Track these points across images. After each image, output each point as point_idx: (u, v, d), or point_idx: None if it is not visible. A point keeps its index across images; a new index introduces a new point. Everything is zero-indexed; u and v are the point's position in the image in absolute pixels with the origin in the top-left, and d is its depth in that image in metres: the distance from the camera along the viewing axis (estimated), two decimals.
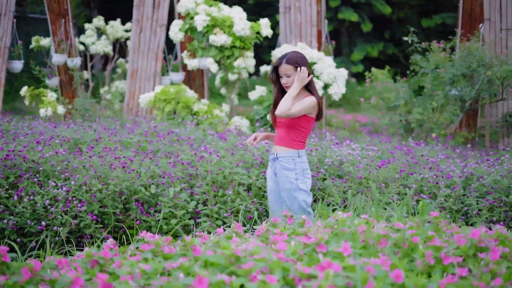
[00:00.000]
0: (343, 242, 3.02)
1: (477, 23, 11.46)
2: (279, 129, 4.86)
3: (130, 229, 5.55)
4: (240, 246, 3.17)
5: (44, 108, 9.09)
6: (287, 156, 4.77)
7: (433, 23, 22.77)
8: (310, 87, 4.82)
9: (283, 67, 4.73)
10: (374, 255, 3.08)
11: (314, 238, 3.17)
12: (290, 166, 4.75)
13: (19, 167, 5.66)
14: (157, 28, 10.25)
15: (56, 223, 5.25)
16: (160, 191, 5.66)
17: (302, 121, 4.76)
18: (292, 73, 4.72)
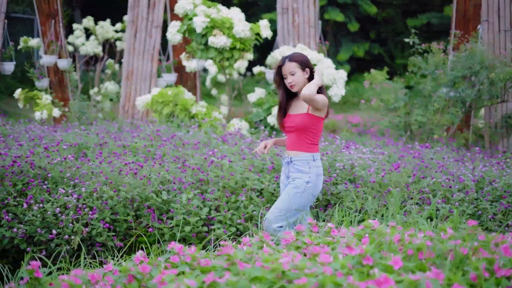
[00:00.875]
0: (391, 254, 2.95)
1: (470, 23, 11.47)
2: (289, 134, 4.78)
3: (141, 237, 5.44)
4: (282, 259, 3.07)
5: (40, 111, 8.91)
6: (302, 159, 4.69)
7: (419, 23, 22.81)
8: (320, 88, 4.74)
9: (287, 66, 4.66)
10: (421, 268, 3.00)
11: (358, 249, 3.09)
12: (304, 169, 4.67)
13: (26, 174, 5.52)
14: (153, 29, 10.11)
15: (67, 231, 5.12)
16: (171, 197, 5.54)
17: (311, 123, 4.67)
18: (297, 71, 4.64)
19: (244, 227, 5.48)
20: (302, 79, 4.66)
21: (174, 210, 5.38)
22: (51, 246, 5.17)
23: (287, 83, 4.69)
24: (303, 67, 4.67)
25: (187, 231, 5.26)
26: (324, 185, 5.80)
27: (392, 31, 24.61)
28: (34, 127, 7.70)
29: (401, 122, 8.82)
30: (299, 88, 4.67)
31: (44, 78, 12.02)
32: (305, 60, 4.71)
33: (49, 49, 12.09)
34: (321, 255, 3.05)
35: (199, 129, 8.27)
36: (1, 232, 5.07)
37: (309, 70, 4.70)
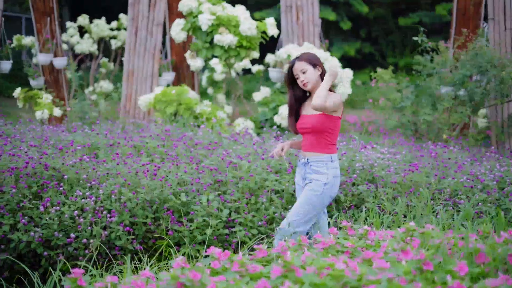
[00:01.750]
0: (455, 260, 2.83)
1: (471, 22, 11.41)
2: (306, 135, 4.67)
3: (159, 240, 5.29)
4: (338, 265, 2.94)
5: (41, 111, 8.71)
6: (319, 160, 4.58)
7: (410, 22, 22.80)
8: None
9: (297, 65, 4.63)
10: (484, 274, 2.90)
11: (413, 254, 2.97)
12: (322, 170, 4.56)
13: (41, 176, 5.35)
14: (154, 27, 9.94)
15: (85, 234, 4.96)
16: (190, 199, 5.40)
17: (328, 123, 4.56)
18: (308, 68, 4.59)
19: (265, 229, 5.36)
20: (314, 76, 4.61)
21: (194, 212, 5.24)
22: (68, 250, 5.02)
23: (300, 82, 4.64)
24: (313, 64, 4.62)
25: (208, 234, 5.12)
26: (344, 185, 5.69)
27: (382, 30, 24.60)
28: (38, 127, 7.52)
29: (409, 121, 8.72)
30: (312, 85, 4.61)
31: (40, 77, 11.81)
32: (314, 58, 4.67)
33: (44, 47, 11.88)
34: (377, 261, 2.93)
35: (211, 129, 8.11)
36: (18, 236, 4.90)
37: (320, 68, 4.64)
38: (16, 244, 4.93)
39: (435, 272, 2.84)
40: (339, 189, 5.64)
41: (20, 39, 12.97)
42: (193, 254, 5.14)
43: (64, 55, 12.31)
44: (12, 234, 4.95)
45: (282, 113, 8.69)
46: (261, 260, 3.69)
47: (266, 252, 3.69)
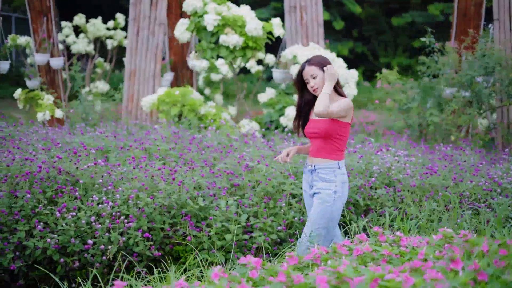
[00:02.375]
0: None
1: (471, 22, 11.39)
2: (314, 140, 4.57)
3: (177, 246, 5.18)
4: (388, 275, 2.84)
5: (42, 112, 8.55)
6: (327, 167, 4.47)
7: (403, 22, 22.79)
8: (337, 86, 4.56)
9: (307, 70, 4.52)
10: None
11: (464, 264, 2.88)
12: (330, 177, 4.46)
13: (55, 180, 5.21)
14: (155, 27, 9.80)
15: (103, 241, 4.83)
16: (208, 203, 5.29)
17: (338, 128, 4.46)
18: (318, 73, 4.47)
19: (285, 234, 5.26)
20: (324, 82, 4.47)
21: (212, 217, 5.13)
22: (84, 256, 4.89)
23: (310, 87, 4.53)
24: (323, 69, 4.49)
25: (228, 240, 5.01)
26: (362, 189, 5.60)
27: (374, 30, 24.57)
28: (42, 129, 7.37)
29: (415, 122, 8.66)
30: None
31: (36, 77, 11.65)
32: (325, 62, 4.54)
33: (40, 47, 11.72)
34: (429, 271, 2.83)
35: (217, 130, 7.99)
36: (34, 243, 4.77)
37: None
38: (32, 251, 4.80)
39: (490, 283, 2.76)
40: (357, 193, 5.55)
41: (15, 39, 12.78)
42: (212, 260, 5.04)
43: (61, 55, 12.15)
44: (27, 240, 4.83)
45: (289, 114, 8.59)
46: (293, 268, 3.60)
47: (297, 259, 3.60)
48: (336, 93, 4.55)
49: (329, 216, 4.46)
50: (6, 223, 4.89)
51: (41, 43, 11.69)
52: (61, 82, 12.03)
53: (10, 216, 4.92)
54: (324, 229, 4.48)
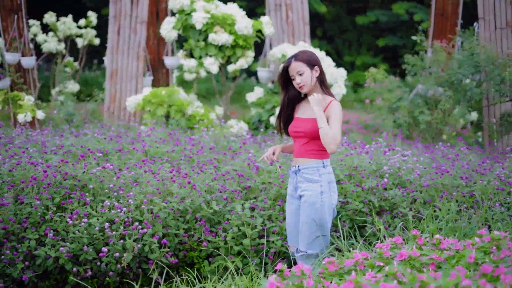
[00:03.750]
0: None
1: (448, 21, 11.45)
2: (298, 140, 4.34)
3: (191, 251, 4.99)
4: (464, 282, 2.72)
5: (23, 113, 8.22)
6: (310, 167, 4.27)
7: (367, 21, 22.89)
8: (324, 86, 4.36)
9: (294, 66, 4.26)
10: None
11: None
12: (314, 177, 4.25)
13: (63, 186, 4.96)
14: (137, 25, 9.53)
15: (117, 248, 4.61)
16: (222, 207, 5.12)
17: None
18: (305, 70, 4.24)
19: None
20: (311, 79, 4.28)
21: (228, 222, 4.96)
22: (97, 265, 4.67)
23: (296, 84, 4.30)
24: (311, 66, 4.27)
25: (245, 244, 4.85)
26: (375, 189, 5.49)
27: (338, 28, 24.64)
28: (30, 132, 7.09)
29: (406, 121, 8.62)
30: (308, 88, 4.29)
31: (6, 77, 11.24)
32: (313, 58, 4.30)
33: (11, 46, 11.32)
34: (503, 276, 2.74)
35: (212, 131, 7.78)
36: (45, 251, 4.52)
37: (319, 68, 4.31)
38: (43, 260, 4.55)
39: None
40: (372, 194, 5.45)
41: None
42: (227, 266, 4.87)
43: (33, 54, 11.76)
44: (37, 249, 4.58)
45: None
46: (333, 274, 3.48)
47: (339, 265, 3.47)
48: (321, 90, 4.35)
49: (320, 217, 4.25)
50: (14, 231, 4.64)
51: (11, 42, 11.30)
52: (32, 82, 11.65)
53: (17, 224, 4.66)
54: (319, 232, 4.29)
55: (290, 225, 4.47)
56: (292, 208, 4.43)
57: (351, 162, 5.68)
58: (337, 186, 5.45)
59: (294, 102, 4.44)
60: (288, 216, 4.48)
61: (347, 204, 5.34)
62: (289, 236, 4.49)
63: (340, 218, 5.33)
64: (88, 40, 13.83)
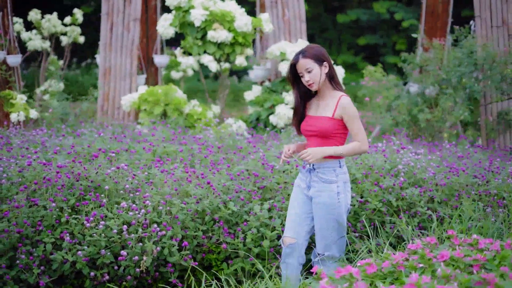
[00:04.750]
0: None
1: (439, 20, 11.46)
2: (311, 139, 4.21)
3: (209, 254, 4.85)
4: None
5: (16, 113, 7.99)
6: (326, 166, 4.13)
7: (348, 19, 22.88)
8: (334, 81, 4.22)
9: (302, 63, 4.11)
10: None
11: None
12: (331, 178, 4.13)
13: (77, 187, 4.79)
14: (130, 22, 9.34)
15: (136, 251, 4.46)
16: (239, 207, 4.99)
17: (338, 128, 4.14)
18: (314, 67, 4.08)
19: None
20: (320, 76, 4.13)
21: (246, 223, 4.83)
22: (114, 269, 4.51)
23: (305, 82, 4.16)
24: (320, 62, 4.12)
25: (265, 246, 4.72)
26: (390, 189, 5.41)
27: (318, 27, 24.60)
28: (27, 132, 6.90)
29: (405, 120, 8.55)
30: (318, 86, 4.15)
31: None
32: (321, 53, 4.14)
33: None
34: None
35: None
36: (62, 256, 4.35)
37: (328, 64, 4.16)
38: (59, 265, 4.38)
39: None
40: (388, 193, 5.36)
41: None
42: (248, 268, 4.75)
43: (18, 52, 11.48)
44: (53, 253, 4.41)
45: (280, 112, 8.31)
46: (374, 276, 3.39)
47: (377, 267, 3.38)
48: (330, 85, 4.21)
49: (338, 218, 4.17)
50: (27, 235, 4.46)
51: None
52: (18, 81, 11.37)
53: (32, 227, 4.49)
54: (338, 234, 4.21)
55: (295, 215, 4.28)
56: (300, 200, 4.29)
57: (367, 160, 5.59)
58: (354, 186, 5.37)
59: (305, 99, 4.31)
60: (294, 207, 4.31)
61: (364, 204, 5.25)
62: (291, 226, 4.29)
63: (357, 218, 5.24)
64: (73, 38, 13.56)
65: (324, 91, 4.21)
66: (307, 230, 4.29)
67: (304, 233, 4.28)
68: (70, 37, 13.53)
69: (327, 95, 4.21)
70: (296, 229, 4.27)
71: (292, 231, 4.28)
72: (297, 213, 4.29)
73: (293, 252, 4.27)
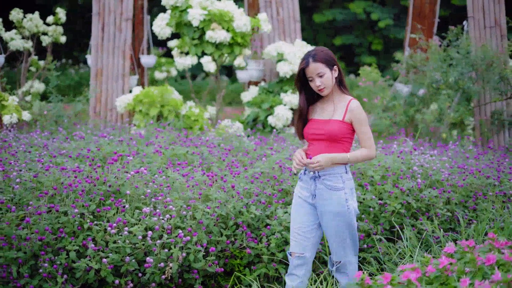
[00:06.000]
0: None
1: (425, 21, 11.49)
2: (316, 142, 4.03)
3: (231, 259, 4.75)
4: None
5: (9, 115, 7.75)
6: (333, 173, 3.97)
7: (325, 19, 22.90)
8: (342, 85, 4.10)
9: (312, 67, 3.94)
10: None
11: None
12: (338, 185, 3.97)
13: (97, 192, 4.64)
14: (122, 22, 9.16)
15: (161, 257, 4.34)
16: (261, 211, 4.89)
17: (346, 131, 4.01)
18: (326, 71, 3.93)
19: None
20: (332, 80, 4.00)
21: (270, 227, 4.75)
22: (138, 276, 4.39)
23: (315, 87, 3.99)
24: (330, 66, 3.99)
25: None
26: (407, 191, 5.36)
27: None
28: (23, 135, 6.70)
29: (402, 120, 8.54)
30: (329, 91, 4.01)
31: None
32: (331, 57, 4.00)
33: None
34: None
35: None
36: (87, 263, 4.21)
37: (337, 68, 4.03)
38: (83, 273, 4.23)
39: None
40: (406, 195, 5.31)
41: None
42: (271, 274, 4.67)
43: (1, 52, 11.21)
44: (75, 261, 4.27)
45: (279, 113, 8.22)
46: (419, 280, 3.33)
47: (421, 271, 3.33)
48: (339, 89, 4.09)
49: (349, 225, 4.02)
50: (49, 243, 4.31)
51: None
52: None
53: (53, 234, 4.34)
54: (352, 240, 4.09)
55: (299, 229, 4.11)
56: (302, 211, 4.11)
57: (384, 162, 5.54)
58: (373, 188, 5.32)
59: (310, 102, 4.16)
60: (297, 220, 4.13)
61: (383, 206, 5.20)
62: (297, 241, 4.12)
63: (376, 221, 5.19)
64: (54, 38, 13.27)
65: (332, 95, 4.08)
66: (313, 242, 4.13)
67: (311, 246, 4.12)
68: (51, 37, 13.24)
69: (334, 99, 4.08)
70: (302, 243, 4.11)
71: (299, 246, 4.12)
72: (301, 227, 4.12)
73: (302, 264, 4.14)
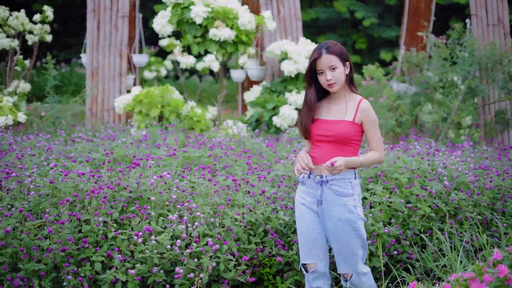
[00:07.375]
0: None
1: (422, 19, 11.35)
2: (324, 145, 3.81)
3: (260, 267, 4.52)
4: None
5: (4, 116, 7.44)
6: (342, 178, 3.76)
7: (309, 18, 22.72)
8: (352, 84, 3.90)
9: (326, 59, 3.72)
10: None
11: None
12: (347, 191, 3.77)
13: (120, 199, 4.37)
14: (118, 20, 8.85)
15: (190, 267, 4.10)
16: (289, 216, 4.67)
17: (356, 132, 3.80)
18: (339, 65, 3.72)
19: (374, 247, 4.73)
20: (344, 76, 3.79)
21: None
22: (165, 287, 4.14)
23: (325, 80, 3.75)
24: (344, 61, 3.78)
25: None
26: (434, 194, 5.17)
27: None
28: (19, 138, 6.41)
29: (408, 120, 8.37)
30: (339, 87, 3.79)
31: None
32: (345, 52, 3.81)
33: None
34: None
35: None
36: (113, 275, 3.95)
37: (349, 64, 3.82)
38: (109, 285, 3.97)
39: None
40: (434, 198, 5.12)
41: None
42: (304, 282, 4.45)
43: None
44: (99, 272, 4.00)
45: (284, 113, 7.99)
46: None
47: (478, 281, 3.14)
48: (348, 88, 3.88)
49: (359, 232, 3.83)
50: (71, 253, 4.04)
51: None
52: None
53: (76, 244, 4.07)
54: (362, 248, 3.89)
55: (307, 239, 3.91)
56: (308, 220, 3.90)
57: (410, 164, 5.35)
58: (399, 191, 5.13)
59: (318, 99, 3.92)
60: (304, 230, 3.92)
61: (411, 210, 5.00)
62: (308, 251, 3.92)
63: (405, 226, 4.99)
64: (40, 37, 12.89)
65: (340, 93, 3.86)
66: (325, 249, 3.94)
67: (323, 254, 3.93)
68: (36, 36, 12.86)
69: (343, 98, 3.86)
70: (313, 253, 3.92)
71: (311, 257, 3.92)
72: (309, 237, 3.92)
73: (319, 276, 3.94)
